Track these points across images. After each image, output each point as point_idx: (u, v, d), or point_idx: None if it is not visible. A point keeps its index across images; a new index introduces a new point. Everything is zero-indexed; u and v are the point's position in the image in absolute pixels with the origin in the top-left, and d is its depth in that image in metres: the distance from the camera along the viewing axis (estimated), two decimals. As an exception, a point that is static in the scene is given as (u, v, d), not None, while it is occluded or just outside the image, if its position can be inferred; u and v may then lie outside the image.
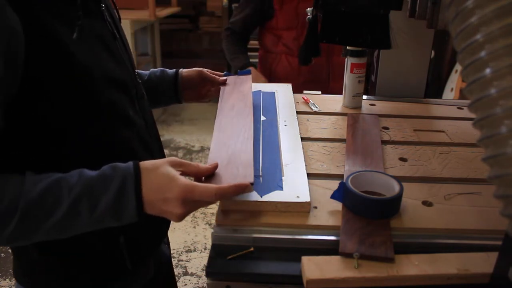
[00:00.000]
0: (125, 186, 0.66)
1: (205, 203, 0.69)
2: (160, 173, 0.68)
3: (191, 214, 2.69)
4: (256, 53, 2.09)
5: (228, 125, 0.96)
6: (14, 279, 0.89)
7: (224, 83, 1.17)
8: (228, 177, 0.74)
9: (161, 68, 1.13)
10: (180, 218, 0.68)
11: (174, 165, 0.70)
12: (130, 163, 0.69)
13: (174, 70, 1.12)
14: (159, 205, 0.67)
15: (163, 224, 0.95)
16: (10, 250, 2.35)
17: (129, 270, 0.85)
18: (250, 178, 0.73)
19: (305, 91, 1.43)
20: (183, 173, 0.70)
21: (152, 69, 1.12)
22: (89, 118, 0.74)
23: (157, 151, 0.94)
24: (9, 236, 0.63)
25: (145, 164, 0.69)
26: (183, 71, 1.12)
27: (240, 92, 1.13)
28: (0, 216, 0.61)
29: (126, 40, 0.90)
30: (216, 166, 0.76)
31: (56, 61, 0.67)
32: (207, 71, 1.13)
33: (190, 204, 0.67)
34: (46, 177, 0.65)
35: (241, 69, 1.69)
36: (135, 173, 0.67)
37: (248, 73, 1.24)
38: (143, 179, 0.67)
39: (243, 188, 0.70)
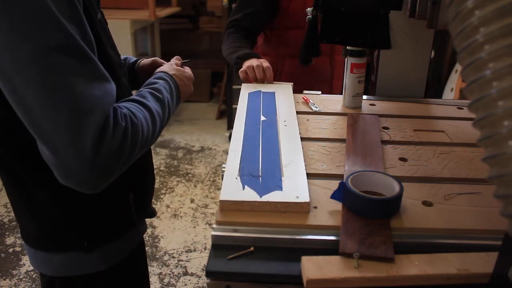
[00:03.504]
0: (171, 80, 0.95)
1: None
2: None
3: (191, 214, 2.69)
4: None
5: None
6: (15, 279, 0.90)
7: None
8: None
9: (125, 56, 1.21)
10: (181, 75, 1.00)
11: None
12: (161, 73, 0.97)
13: (134, 61, 1.20)
14: (179, 74, 0.99)
15: (153, 185, 1.09)
16: (10, 250, 2.35)
17: (135, 223, 0.98)
18: None
19: (305, 91, 1.43)
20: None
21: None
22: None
23: None
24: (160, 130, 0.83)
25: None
26: (141, 63, 1.19)
27: None
28: (159, 123, 0.81)
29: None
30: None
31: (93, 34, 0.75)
32: (161, 61, 1.17)
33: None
34: (136, 98, 0.83)
35: (245, 57, 1.53)
36: (169, 75, 0.96)
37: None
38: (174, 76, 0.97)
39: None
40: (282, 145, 0.98)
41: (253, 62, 1.44)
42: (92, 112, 0.65)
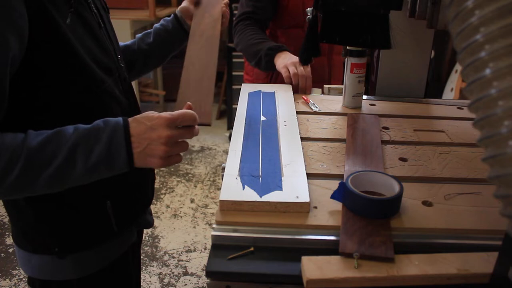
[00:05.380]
0: (116, 133, 0.73)
1: (188, 130, 0.77)
2: (145, 113, 0.77)
3: (191, 214, 2.69)
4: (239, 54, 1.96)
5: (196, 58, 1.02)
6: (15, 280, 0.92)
7: None
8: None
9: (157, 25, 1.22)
10: (167, 142, 0.73)
11: None
12: (120, 117, 0.76)
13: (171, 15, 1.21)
14: (147, 134, 0.73)
15: (146, 194, 1.05)
16: (10, 250, 2.35)
17: (115, 232, 0.94)
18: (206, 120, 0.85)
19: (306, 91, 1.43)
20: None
21: (154, 27, 1.22)
22: (80, 96, 0.82)
23: None
24: (13, 183, 0.68)
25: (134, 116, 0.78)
26: (179, 7, 1.21)
27: (211, 16, 1.17)
28: (5, 163, 0.67)
29: (112, 30, 1.00)
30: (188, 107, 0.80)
31: (51, 43, 0.75)
32: None
33: (174, 129, 0.74)
34: (45, 132, 0.72)
35: (277, 49, 1.52)
36: (124, 119, 0.75)
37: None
38: (131, 121, 0.75)
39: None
40: (282, 145, 0.98)
41: (296, 65, 1.42)
42: None
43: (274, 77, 1.88)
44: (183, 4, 1.21)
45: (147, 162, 0.75)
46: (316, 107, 1.26)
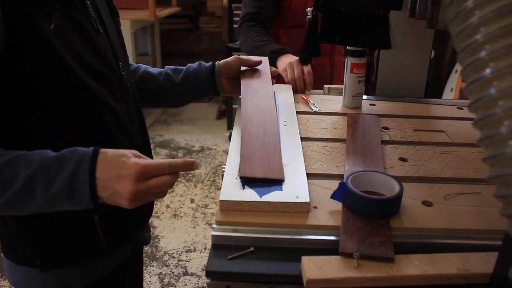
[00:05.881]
0: (79, 168, 0.67)
1: (158, 184, 0.69)
2: (118, 154, 0.69)
3: (191, 214, 2.69)
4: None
5: (254, 115, 1.03)
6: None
7: (259, 62, 1.20)
8: (261, 173, 0.82)
9: (200, 62, 1.17)
10: (131, 197, 0.67)
11: (137, 155, 0.71)
12: (91, 148, 0.70)
13: (211, 62, 1.15)
14: (112, 183, 0.67)
15: (140, 211, 0.96)
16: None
17: (104, 248, 0.88)
18: (280, 175, 0.82)
19: (306, 91, 1.43)
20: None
21: (189, 64, 1.17)
22: (66, 102, 0.78)
23: (141, 145, 0.97)
24: None
25: (107, 149, 0.70)
26: (221, 61, 1.15)
27: (262, 76, 1.21)
28: None
29: (118, 36, 0.95)
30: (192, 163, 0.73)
31: (33, 48, 0.71)
32: (243, 56, 1.15)
33: (143, 182, 0.67)
34: (9, 153, 0.68)
35: (280, 52, 1.54)
36: (92, 155, 0.68)
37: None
38: (99, 161, 0.68)
39: (190, 165, 0.72)
40: (282, 145, 0.97)
41: (294, 66, 1.42)
42: None
43: (276, 77, 1.88)
44: (229, 60, 1.16)
45: (113, 203, 0.70)
46: (316, 107, 1.26)
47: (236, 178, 0.83)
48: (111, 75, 0.87)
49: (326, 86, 1.44)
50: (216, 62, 1.15)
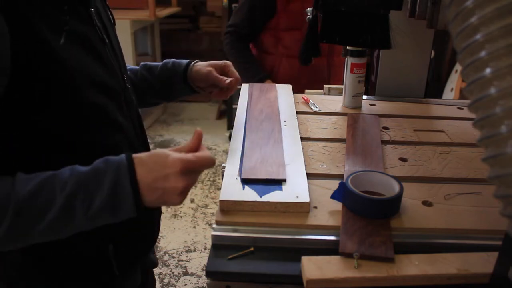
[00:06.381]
0: (119, 178, 0.64)
1: (201, 171, 0.69)
2: (154, 154, 0.67)
3: (191, 214, 2.69)
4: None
5: (259, 128, 1.05)
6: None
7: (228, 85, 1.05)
8: (263, 174, 0.84)
9: (174, 60, 1.08)
10: (183, 190, 0.66)
11: (174, 150, 0.69)
12: (123, 155, 0.67)
13: (187, 61, 1.06)
14: (160, 184, 0.65)
15: (151, 233, 0.94)
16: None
17: (117, 277, 0.84)
18: (282, 176, 0.83)
19: (306, 91, 1.43)
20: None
21: (165, 60, 1.09)
22: (76, 121, 0.72)
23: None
24: (1, 239, 0.61)
25: (138, 154, 0.68)
26: (195, 68, 1.05)
27: (267, 99, 1.25)
28: None
29: (118, 45, 0.89)
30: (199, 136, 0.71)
31: (42, 64, 0.65)
32: (215, 74, 1.02)
33: (190, 175, 0.66)
34: (37, 176, 0.63)
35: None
36: (128, 163, 0.65)
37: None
38: (137, 166, 0.65)
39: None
40: (282, 145, 0.97)
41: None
42: None
43: (274, 76, 1.91)
44: (203, 71, 1.03)
45: (162, 203, 0.68)
46: (316, 107, 1.26)
47: (236, 178, 0.83)
48: (119, 88, 0.82)
49: (326, 86, 1.44)
50: (190, 66, 1.05)
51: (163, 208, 2.75)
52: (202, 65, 1.05)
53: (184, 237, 2.51)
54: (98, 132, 0.76)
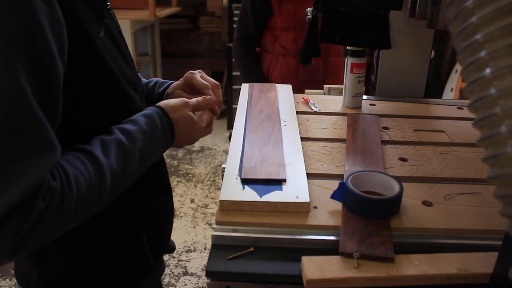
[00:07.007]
0: (164, 125, 0.76)
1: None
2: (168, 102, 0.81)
3: (191, 214, 2.69)
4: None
5: (259, 128, 1.05)
6: (15, 280, 0.87)
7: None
8: (263, 174, 0.84)
9: (157, 80, 1.03)
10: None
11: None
12: (154, 108, 0.78)
13: (164, 87, 0.99)
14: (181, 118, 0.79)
15: (172, 218, 0.98)
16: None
17: (151, 267, 0.88)
18: (282, 176, 0.83)
19: (306, 91, 1.44)
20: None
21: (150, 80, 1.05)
22: (115, 114, 0.75)
23: None
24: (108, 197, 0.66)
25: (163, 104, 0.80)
26: (171, 87, 0.97)
27: (267, 99, 1.24)
28: (93, 184, 0.63)
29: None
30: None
31: (86, 55, 0.67)
32: (198, 79, 0.93)
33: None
34: (107, 135, 0.69)
35: None
36: (165, 114, 0.78)
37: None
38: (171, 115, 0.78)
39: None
40: (283, 145, 0.97)
41: None
42: (3, 192, 0.53)
43: (270, 74, 1.94)
44: (177, 88, 0.96)
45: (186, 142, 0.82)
46: (316, 107, 1.26)
47: (236, 178, 0.83)
48: (138, 81, 0.84)
49: (326, 86, 1.44)
50: (166, 93, 0.97)
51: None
52: (175, 88, 0.97)
53: (184, 237, 2.51)
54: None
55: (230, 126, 3.84)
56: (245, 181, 0.82)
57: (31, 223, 0.55)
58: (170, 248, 1.01)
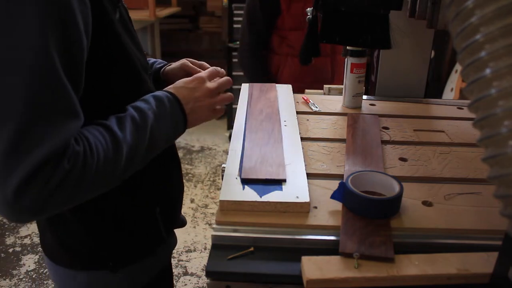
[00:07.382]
0: (173, 106, 0.78)
1: (225, 81, 0.93)
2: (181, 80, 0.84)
3: (191, 214, 2.69)
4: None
5: (259, 128, 1.06)
6: (15, 280, 0.88)
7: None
8: (263, 174, 0.84)
9: (152, 61, 1.07)
10: (212, 95, 0.86)
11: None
12: (163, 92, 0.80)
13: (160, 66, 1.05)
14: (192, 96, 0.82)
15: (182, 192, 1.03)
16: (10, 250, 2.34)
17: (163, 238, 0.92)
18: (282, 176, 0.83)
19: (306, 91, 1.44)
20: None
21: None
22: (129, 94, 0.78)
23: None
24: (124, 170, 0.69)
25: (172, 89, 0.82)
26: (167, 68, 1.04)
27: (267, 99, 1.24)
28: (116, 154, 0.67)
29: None
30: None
31: (106, 39, 0.71)
32: (190, 63, 1.03)
33: (214, 83, 0.87)
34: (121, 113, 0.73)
35: None
36: (173, 96, 0.80)
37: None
38: (176, 91, 0.81)
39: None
40: (283, 145, 0.97)
41: None
42: (30, 153, 0.57)
43: (279, 75, 1.92)
44: (176, 67, 1.02)
45: (197, 119, 0.83)
46: (316, 107, 1.26)
47: (236, 178, 0.83)
48: (147, 64, 0.87)
49: (326, 86, 1.44)
50: (162, 70, 1.04)
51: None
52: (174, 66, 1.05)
53: (184, 237, 2.51)
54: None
55: (230, 126, 3.84)
56: (245, 181, 0.82)
57: (57, 180, 0.59)
58: (181, 222, 1.06)
